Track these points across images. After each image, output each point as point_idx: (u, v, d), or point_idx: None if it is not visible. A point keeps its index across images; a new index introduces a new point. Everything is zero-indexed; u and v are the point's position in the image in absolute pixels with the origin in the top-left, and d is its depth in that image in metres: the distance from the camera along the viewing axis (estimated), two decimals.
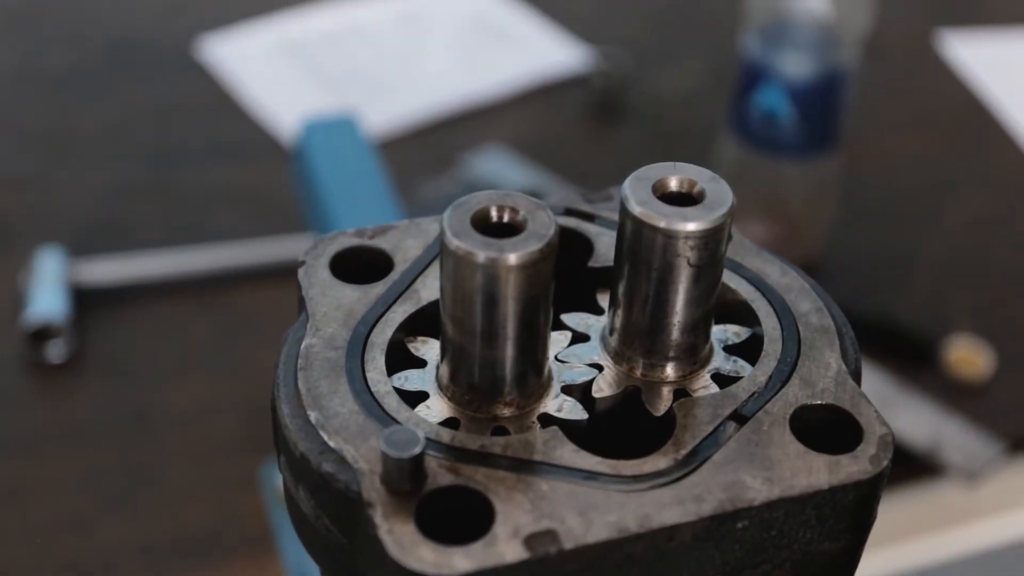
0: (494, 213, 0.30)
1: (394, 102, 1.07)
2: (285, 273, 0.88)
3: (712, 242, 0.31)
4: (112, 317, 0.86)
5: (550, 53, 1.14)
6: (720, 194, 0.31)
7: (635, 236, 0.31)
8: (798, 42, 0.83)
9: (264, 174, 1.00)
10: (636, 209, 0.31)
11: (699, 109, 1.05)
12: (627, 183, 0.31)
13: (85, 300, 0.86)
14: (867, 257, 0.93)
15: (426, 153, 1.01)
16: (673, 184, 0.31)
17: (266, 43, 1.14)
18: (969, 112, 1.10)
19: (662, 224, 0.30)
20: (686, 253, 0.31)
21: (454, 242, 0.29)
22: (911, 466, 0.77)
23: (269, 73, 1.10)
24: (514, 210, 0.30)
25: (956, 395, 0.81)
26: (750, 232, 0.80)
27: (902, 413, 0.79)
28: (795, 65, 0.83)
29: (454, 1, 1.22)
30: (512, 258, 0.29)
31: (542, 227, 0.30)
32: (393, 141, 1.02)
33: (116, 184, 0.99)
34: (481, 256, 0.29)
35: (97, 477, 0.77)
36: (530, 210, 0.30)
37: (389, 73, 1.12)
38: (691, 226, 0.30)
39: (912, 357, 0.83)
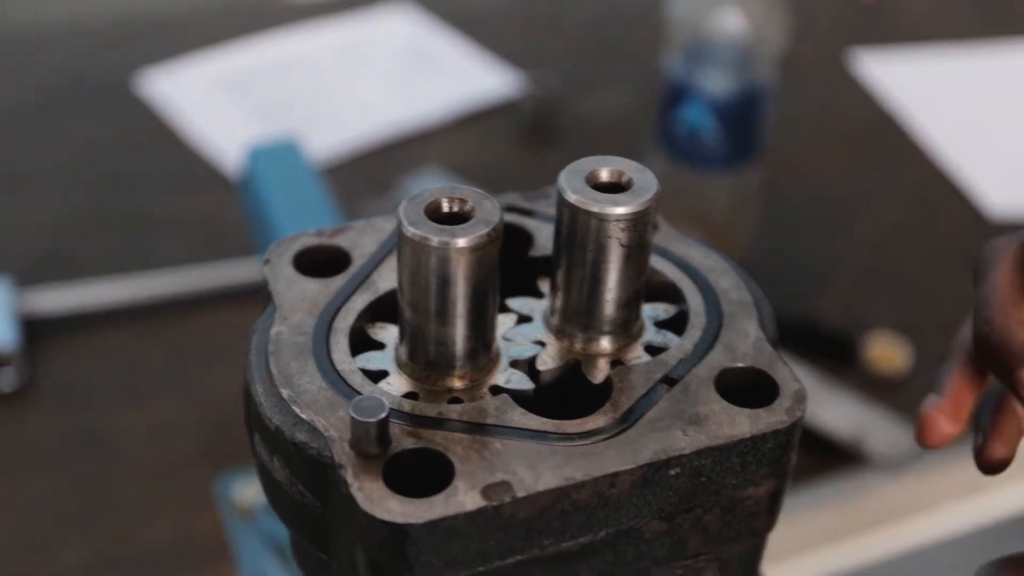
0: (445, 204, 0.34)
1: (333, 130, 1.10)
2: (232, 297, 0.91)
3: (640, 224, 0.34)
4: (63, 345, 0.88)
5: (482, 79, 1.18)
6: (646, 182, 0.35)
7: (572, 222, 0.35)
8: (718, 60, 0.87)
9: (208, 203, 1.02)
10: (572, 197, 0.34)
11: (627, 127, 1.10)
12: (562, 175, 0.35)
13: (35, 329, 0.88)
14: (790, 263, 0.98)
15: (366, 177, 1.04)
16: (604, 174, 0.35)
17: (206, 76, 1.17)
18: (881, 126, 1.16)
19: (595, 209, 0.34)
20: (617, 235, 0.34)
21: (410, 230, 0.33)
22: (837, 456, 0.82)
23: (209, 105, 1.13)
24: (463, 201, 0.34)
25: (877, 389, 0.86)
26: None
27: (827, 407, 0.83)
28: (716, 82, 0.88)
29: (388, 32, 1.26)
30: (462, 242, 0.32)
31: (488, 215, 0.33)
32: (334, 167, 1.05)
33: (63, 216, 1.00)
34: (435, 241, 0.32)
35: (54, 499, 0.78)
36: (477, 200, 0.34)
37: (327, 102, 1.15)
38: (621, 210, 0.34)
39: (834, 355, 0.88)
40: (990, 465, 0.38)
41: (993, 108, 1.19)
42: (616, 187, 0.35)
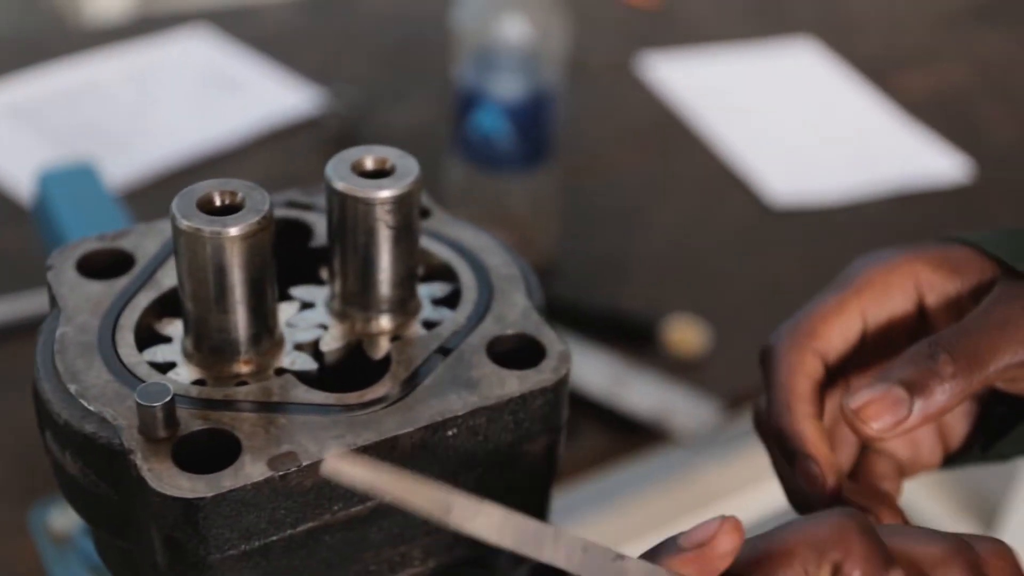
0: (216, 197, 0.35)
1: (132, 155, 1.09)
2: (32, 328, 0.89)
3: (405, 206, 0.37)
4: None
5: (283, 97, 1.19)
6: (408, 167, 0.37)
7: (341, 209, 0.37)
8: (505, 66, 0.91)
9: (4, 236, 1.00)
10: (339, 184, 0.37)
11: (427, 137, 1.13)
12: (329, 165, 0.37)
13: None
14: (592, 257, 1.02)
15: (168, 200, 1.04)
16: (368, 162, 0.37)
17: None
18: (669, 124, 1.22)
19: (361, 194, 0.36)
20: (384, 217, 0.37)
21: (184, 222, 0.34)
22: (643, 434, 0.86)
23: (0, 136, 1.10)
24: (233, 193, 0.35)
25: (678, 370, 0.91)
26: None
27: (632, 390, 0.88)
28: (505, 86, 0.91)
29: (184, 54, 1.25)
30: (234, 230, 0.34)
31: (258, 204, 0.35)
32: (134, 192, 1.05)
33: None
34: (207, 231, 0.34)
35: None
36: (247, 191, 0.35)
37: (124, 127, 1.14)
38: (385, 193, 0.36)
39: (637, 340, 0.92)
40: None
41: (770, 103, 1.26)
42: (380, 173, 0.37)
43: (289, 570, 0.34)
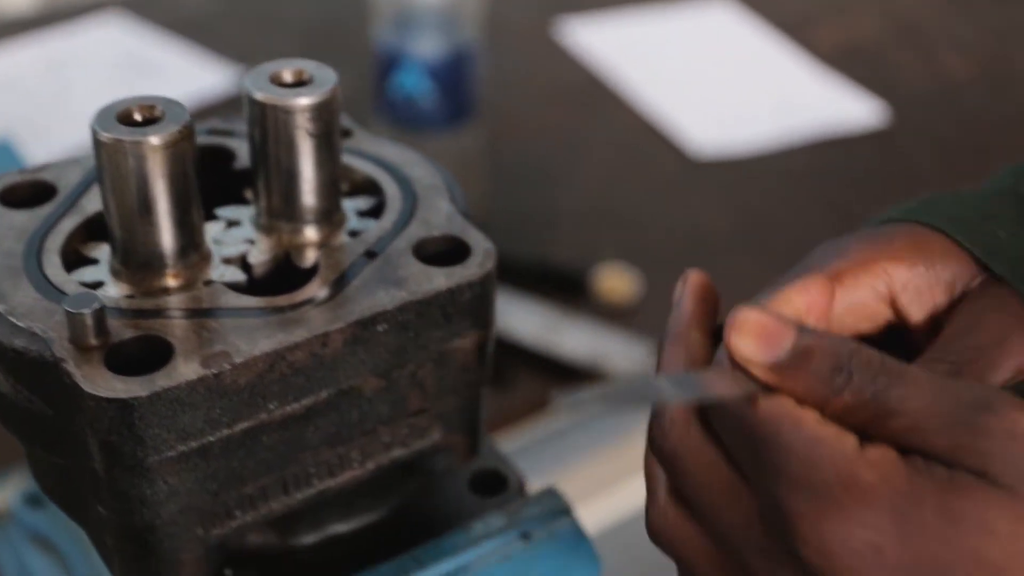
0: (136, 112, 0.36)
1: (50, 143, 1.08)
2: None
3: (325, 112, 0.37)
4: None
5: (205, 78, 1.18)
6: (326, 76, 0.38)
7: (262, 120, 0.37)
8: (424, 25, 0.92)
9: None
10: (258, 95, 0.37)
11: (351, 104, 1.12)
12: (247, 77, 0.38)
13: None
14: (522, 213, 1.03)
15: None
16: (286, 74, 0.38)
17: None
18: (590, 85, 1.23)
19: (281, 103, 0.37)
20: (305, 125, 0.37)
21: (105, 135, 0.34)
22: (579, 378, 0.87)
23: None
24: (151, 107, 0.36)
25: (610, 316, 0.92)
26: None
27: (566, 337, 0.89)
28: (426, 46, 0.92)
29: (100, 41, 1.24)
30: (155, 140, 0.34)
31: (178, 115, 0.35)
32: None
33: None
34: (128, 141, 0.34)
35: None
36: (166, 105, 0.36)
37: (41, 116, 1.13)
38: (305, 100, 0.37)
39: (569, 290, 0.94)
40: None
41: (690, 62, 1.28)
42: (299, 84, 0.38)
43: (227, 471, 0.35)
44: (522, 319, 0.89)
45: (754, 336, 0.31)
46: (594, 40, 1.29)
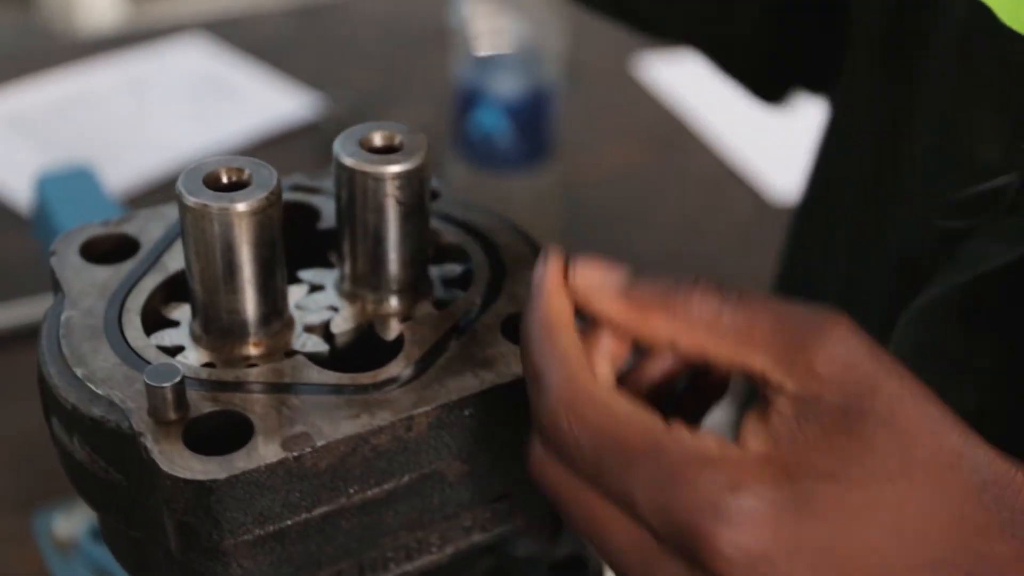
0: (223, 174, 0.35)
1: (128, 164, 1.08)
2: (32, 335, 0.88)
3: (415, 181, 0.36)
4: None
5: (280, 103, 1.18)
6: (418, 143, 0.37)
7: (350, 186, 0.36)
8: (504, 64, 0.90)
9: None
10: (347, 160, 0.36)
11: (428, 138, 1.12)
12: (337, 142, 0.36)
13: None
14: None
15: None
16: (377, 138, 0.37)
17: None
18: (668, 125, 1.21)
19: (371, 169, 0.35)
20: (394, 193, 0.36)
21: (191, 199, 0.33)
22: None
23: None
24: (240, 170, 0.35)
25: None
26: None
27: None
28: (505, 85, 0.91)
29: (180, 62, 1.24)
30: (241, 206, 0.33)
31: (266, 180, 0.34)
32: (131, 200, 1.04)
33: None
34: (215, 207, 0.33)
35: None
36: (255, 168, 0.35)
37: (121, 136, 1.13)
38: (395, 168, 0.35)
39: None
40: None
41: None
42: (389, 149, 0.36)
43: (305, 556, 0.34)
44: None
45: (597, 266, 0.33)
46: (674, 80, 1.27)
